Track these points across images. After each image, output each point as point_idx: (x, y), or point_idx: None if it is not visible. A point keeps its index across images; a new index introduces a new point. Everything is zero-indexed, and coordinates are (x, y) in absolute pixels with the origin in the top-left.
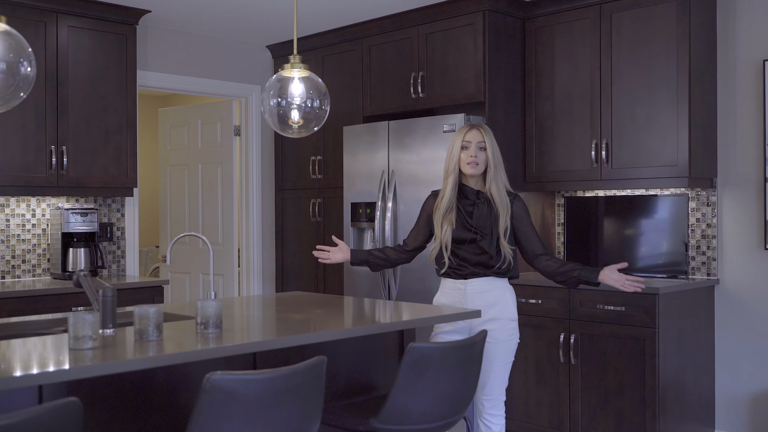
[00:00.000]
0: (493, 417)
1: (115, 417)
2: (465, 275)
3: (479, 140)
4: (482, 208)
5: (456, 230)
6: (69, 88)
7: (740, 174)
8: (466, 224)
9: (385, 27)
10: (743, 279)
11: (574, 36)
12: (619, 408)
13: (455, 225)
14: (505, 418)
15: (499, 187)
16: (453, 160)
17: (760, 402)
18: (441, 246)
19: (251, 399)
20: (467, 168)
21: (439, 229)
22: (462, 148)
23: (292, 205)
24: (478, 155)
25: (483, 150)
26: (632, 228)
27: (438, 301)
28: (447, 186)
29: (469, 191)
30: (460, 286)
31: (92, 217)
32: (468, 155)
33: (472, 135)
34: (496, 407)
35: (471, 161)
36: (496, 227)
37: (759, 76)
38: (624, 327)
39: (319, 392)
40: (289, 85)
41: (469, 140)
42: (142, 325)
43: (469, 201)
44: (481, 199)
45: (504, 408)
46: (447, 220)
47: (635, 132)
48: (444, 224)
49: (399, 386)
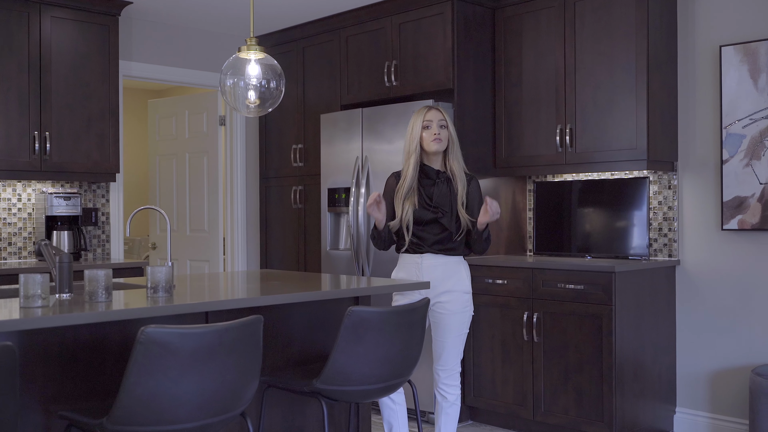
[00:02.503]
0: (448, 387)
1: (68, 375)
2: (421, 251)
3: (440, 118)
4: (442, 186)
5: (417, 210)
6: (52, 76)
7: (699, 157)
8: (426, 204)
9: (361, 18)
10: (702, 259)
11: (540, 25)
12: (579, 384)
13: (415, 208)
14: (460, 389)
15: (459, 164)
16: (414, 140)
17: (720, 380)
18: (402, 225)
19: (185, 352)
20: (432, 145)
21: (400, 209)
22: (424, 128)
23: (275, 193)
24: (441, 132)
25: (444, 128)
26: (599, 211)
27: (396, 276)
28: (409, 166)
29: (429, 170)
30: (417, 260)
31: (75, 201)
32: (431, 133)
33: (433, 114)
34: (452, 377)
35: (435, 138)
36: (455, 203)
37: (716, 62)
38: (583, 305)
39: (257, 350)
40: (246, 66)
41: (431, 119)
42: (92, 287)
43: (430, 181)
44: (441, 178)
45: (459, 379)
46: (409, 201)
47: (597, 117)
48: (405, 204)
49: (339, 348)
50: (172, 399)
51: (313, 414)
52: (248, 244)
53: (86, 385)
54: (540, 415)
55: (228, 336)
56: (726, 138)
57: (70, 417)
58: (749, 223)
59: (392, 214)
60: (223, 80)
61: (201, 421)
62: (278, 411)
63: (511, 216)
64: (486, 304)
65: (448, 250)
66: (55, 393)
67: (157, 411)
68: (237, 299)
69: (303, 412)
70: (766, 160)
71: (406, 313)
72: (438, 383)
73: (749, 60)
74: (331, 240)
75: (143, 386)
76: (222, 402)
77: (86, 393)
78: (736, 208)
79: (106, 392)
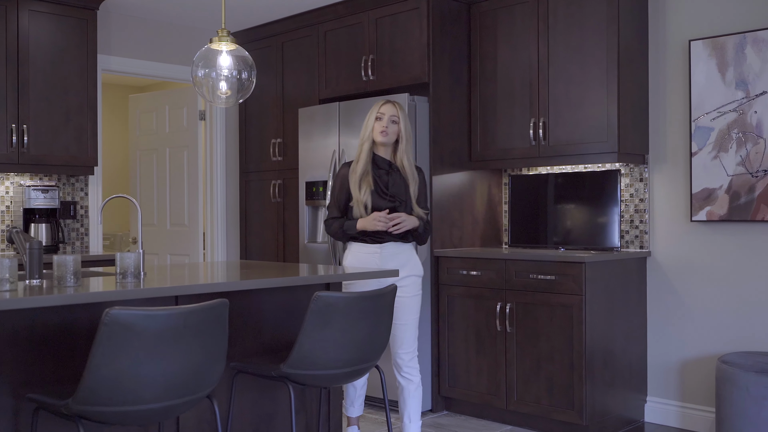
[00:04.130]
0: (412, 369)
1: (37, 359)
2: (382, 240)
3: (392, 114)
4: (395, 176)
5: (374, 199)
6: (30, 70)
7: (669, 150)
8: (382, 193)
9: (339, 12)
10: (672, 250)
11: (514, 20)
12: (550, 373)
13: (373, 195)
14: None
15: (409, 158)
16: (368, 129)
17: (689, 369)
18: (360, 206)
19: (149, 333)
20: (379, 136)
21: (357, 191)
22: (376, 119)
23: (255, 187)
24: (390, 127)
25: (395, 123)
26: (573, 204)
27: (350, 264)
28: (362, 153)
29: (380, 160)
30: (376, 250)
31: (53, 194)
32: (380, 125)
33: (387, 108)
34: (414, 359)
35: (383, 131)
36: (409, 194)
37: (685, 57)
38: (554, 295)
39: (222, 334)
40: (217, 57)
41: (383, 112)
42: (60, 272)
43: (383, 170)
44: (393, 169)
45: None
46: (365, 182)
47: (570, 111)
48: (362, 185)
49: (305, 333)
50: (137, 380)
51: (283, 401)
52: (228, 238)
53: (56, 369)
54: (513, 405)
55: (193, 319)
56: (695, 131)
57: (38, 399)
58: (717, 214)
59: (346, 200)
60: (195, 71)
61: (166, 402)
62: (248, 398)
63: (487, 209)
64: (460, 295)
65: (403, 237)
66: (24, 377)
67: (121, 391)
68: (205, 284)
69: (273, 399)
70: (733, 152)
71: (373, 298)
72: (402, 368)
73: (717, 54)
74: (309, 233)
75: (108, 367)
76: (187, 384)
77: (56, 377)
78: (704, 199)
79: (76, 376)
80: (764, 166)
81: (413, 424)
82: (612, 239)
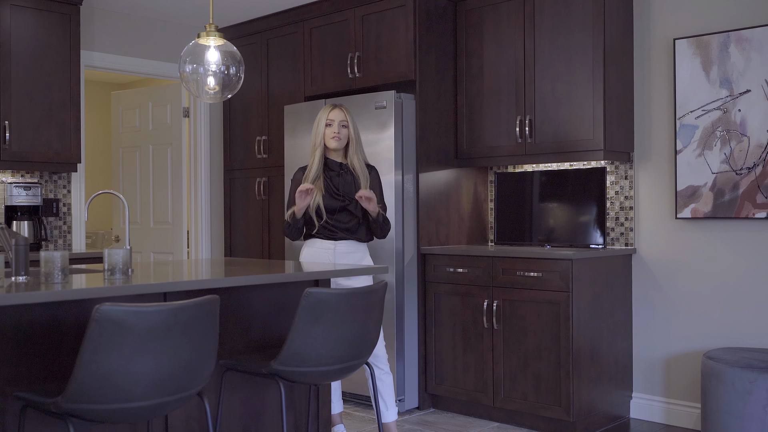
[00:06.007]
0: (385, 371)
1: (24, 357)
2: (335, 238)
3: (342, 119)
4: (346, 176)
5: (326, 199)
6: (11, 65)
7: (654, 148)
8: (333, 194)
9: (325, 9)
10: (657, 247)
11: (501, 17)
12: (537, 370)
13: (324, 195)
14: None
15: (359, 159)
16: (318, 135)
17: (675, 365)
18: (311, 211)
19: (140, 330)
20: (332, 142)
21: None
22: (326, 125)
23: (240, 185)
24: (341, 131)
25: (345, 127)
26: (559, 202)
27: (306, 260)
28: (315, 158)
29: (332, 163)
30: (330, 246)
31: (36, 191)
32: (332, 131)
33: (335, 114)
34: (385, 360)
35: (335, 136)
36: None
37: (670, 55)
38: (541, 292)
39: (213, 330)
40: (205, 52)
41: (333, 119)
42: (48, 268)
43: (334, 172)
44: (344, 170)
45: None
46: (316, 186)
47: (556, 109)
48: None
49: (296, 329)
50: (127, 377)
51: (272, 399)
52: (212, 236)
53: (43, 367)
54: (500, 401)
55: (183, 315)
56: (680, 129)
57: (26, 397)
58: (702, 211)
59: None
60: (182, 66)
61: (156, 400)
62: (238, 395)
63: (473, 207)
64: (447, 292)
65: (358, 236)
66: (11, 375)
67: (111, 389)
68: (194, 281)
69: (263, 397)
70: (717, 150)
71: (364, 294)
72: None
73: (702, 53)
74: None
75: (98, 364)
76: (178, 381)
77: (43, 375)
78: (689, 197)
79: (64, 374)
80: (748, 164)
81: (390, 411)
82: (598, 236)
